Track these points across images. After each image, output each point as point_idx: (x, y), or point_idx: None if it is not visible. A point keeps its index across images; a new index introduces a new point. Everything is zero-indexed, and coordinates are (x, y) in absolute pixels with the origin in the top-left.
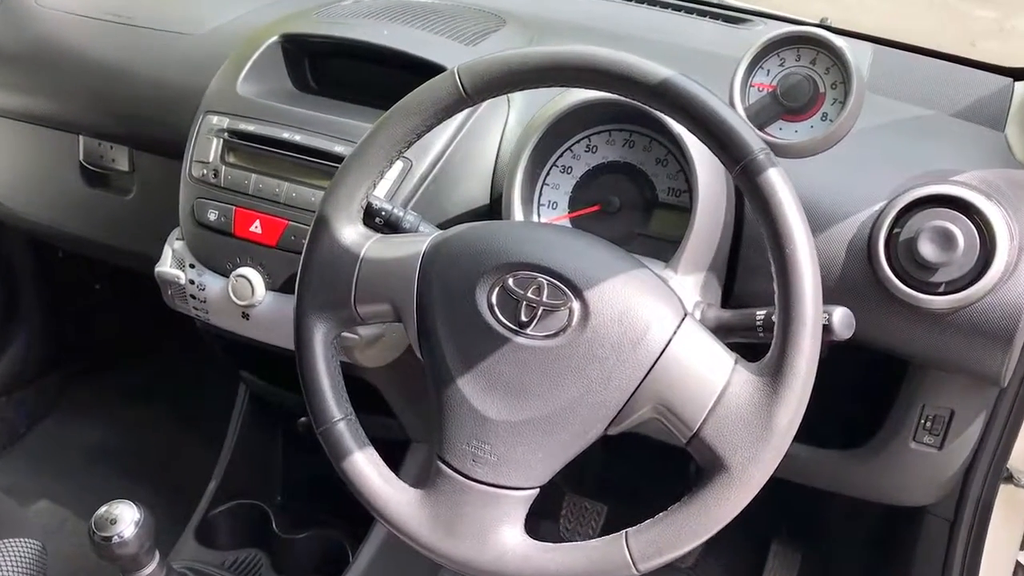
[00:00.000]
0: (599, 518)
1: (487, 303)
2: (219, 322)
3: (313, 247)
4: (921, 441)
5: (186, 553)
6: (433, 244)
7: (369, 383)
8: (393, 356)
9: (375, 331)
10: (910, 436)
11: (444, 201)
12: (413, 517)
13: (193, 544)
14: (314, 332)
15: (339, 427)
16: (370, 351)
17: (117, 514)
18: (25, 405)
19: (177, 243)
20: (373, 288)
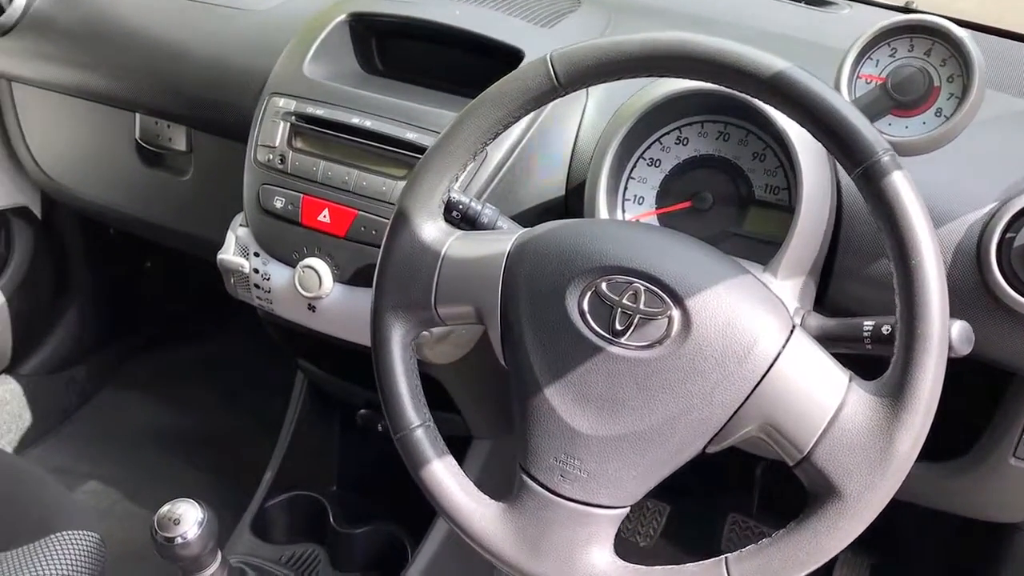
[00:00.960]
0: (660, 518)
1: (578, 309)
2: (283, 313)
3: (392, 244)
4: (1022, 457)
5: (242, 547)
6: (519, 243)
7: (434, 378)
8: (461, 353)
9: (445, 328)
10: (1010, 452)
11: (518, 194)
12: (496, 533)
13: (249, 537)
14: (392, 333)
15: (417, 434)
16: (439, 348)
17: (180, 514)
18: (75, 384)
19: (241, 230)
20: (455, 289)
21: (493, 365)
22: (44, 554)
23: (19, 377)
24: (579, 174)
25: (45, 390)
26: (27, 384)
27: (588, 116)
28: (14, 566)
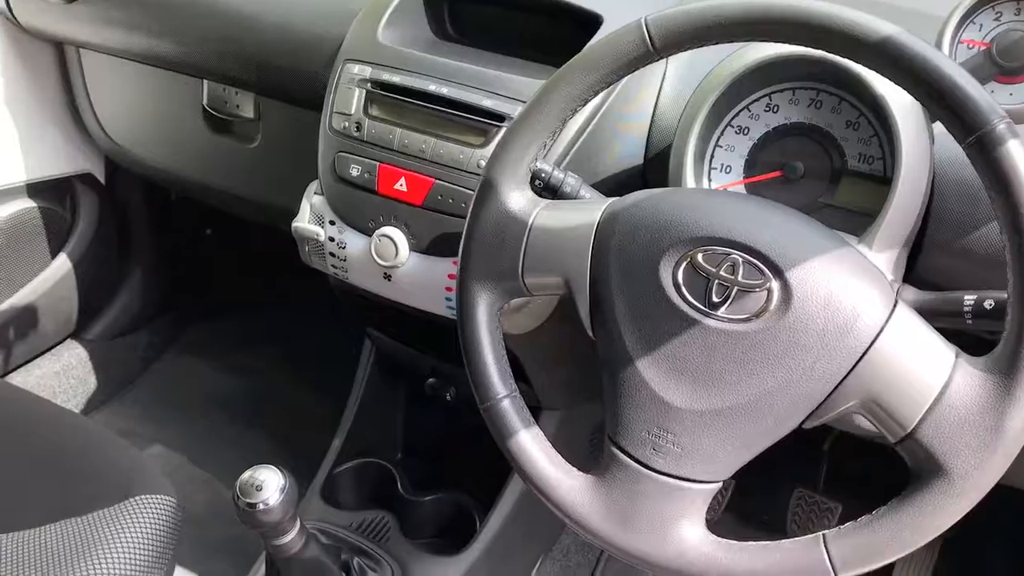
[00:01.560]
0: (725, 492)
1: (672, 280)
2: (358, 282)
3: (478, 213)
4: None
5: (312, 513)
6: (610, 213)
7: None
8: (536, 324)
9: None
10: None
11: (595, 163)
12: (585, 505)
13: (319, 503)
14: (478, 303)
15: (504, 405)
16: (514, 318)
17: (263, 480)
18: (138, 349)
19: (316, 198)
20: (543, 259)
21: (567, 336)
22: (124, 518)
23: (84, 342)
24: (658, 143)
25: (109, 355)
26: (92, 349)
27: (668, 83)
28: (96, 529)
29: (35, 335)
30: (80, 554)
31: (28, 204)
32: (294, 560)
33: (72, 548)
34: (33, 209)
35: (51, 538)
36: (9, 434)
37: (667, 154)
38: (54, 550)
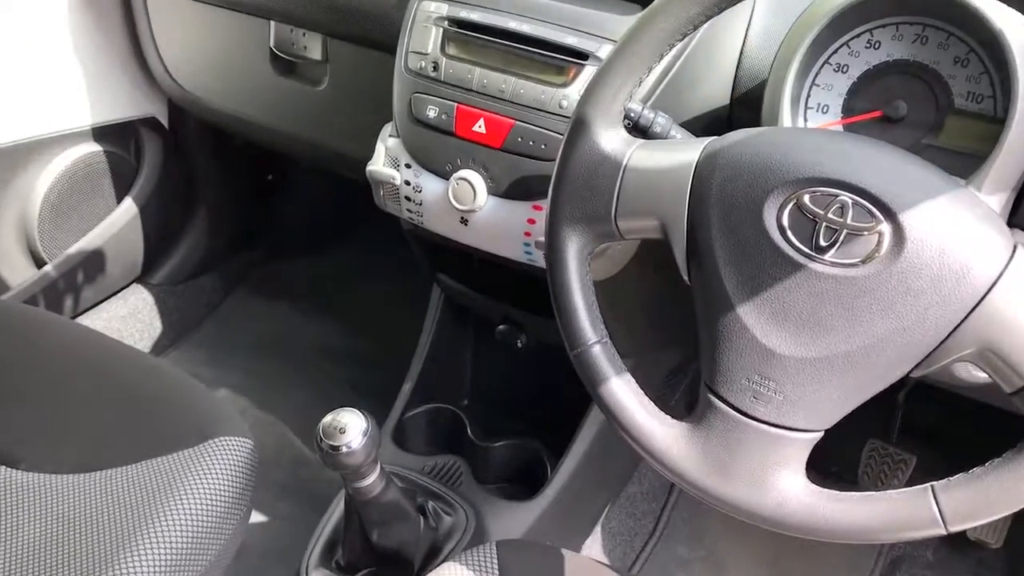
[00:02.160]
0: (906, 469)
1: (777, 223)
2: (433, 226)
3: (570, 153)
4: None
5: (385, 457)
6: (709, 152)
7: None
8: (614, 271)
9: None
10: None
11: (681, 103)
12: (681, 454)
13: (391, 447)
14: (568, 246)
15: (595, 351)
16: (594, 263)
17: (346, 423)
18: (203, 294)
19: (391, 140)
20: (638, 201)
21: (646, 282)
22: (204, 459)
23: (150, 287)
24: (747, 82)
25: (174, 300)
26: (157, 294)
27: (757, 20)
28: (179, 469)
29: (103, 279)
30: (165, 493)
31: (95, 148)
32: (373, 502)
33: (157, 487)
34: (99, 153)
35: (136, 477)
36: (91, 375)
37: (756, 93)
38: (140, 489)
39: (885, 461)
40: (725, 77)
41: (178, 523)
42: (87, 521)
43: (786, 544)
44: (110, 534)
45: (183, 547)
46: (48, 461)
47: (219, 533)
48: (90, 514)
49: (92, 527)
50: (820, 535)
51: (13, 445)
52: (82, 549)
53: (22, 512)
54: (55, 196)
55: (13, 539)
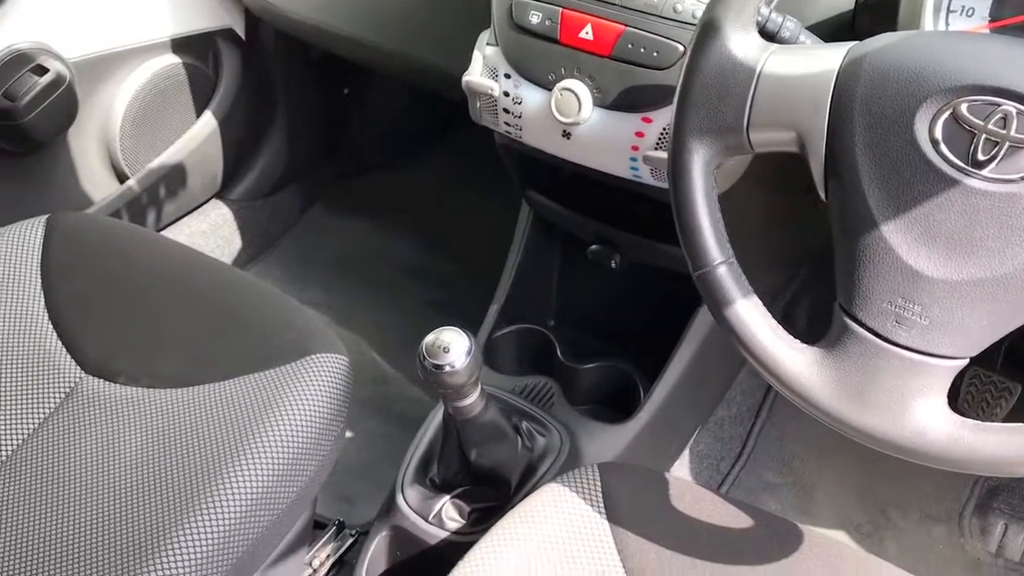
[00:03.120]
0: (1009, 398)
1: (929, 135)
2: (533, 141)
3: (698, 59)
4: None
5: None
6: (853, 58)
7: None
8: (727, 186)
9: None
10: None
11: (803, 6)
12: (812, 378)
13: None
14: (694, 160)
15: (720, 271)
16: None
17: (449, 342)
18: (280, 210)
19: (489, 49)
20: (773, 111)
21: (758, 200)
22: (302, 376)
23: (228, 202)
24: None
25: (253, 216)
26: (236, 210)
27: None
28: (278, 385)
29: (184, 194)
30: (265, 410)
31: (173, 60)
32: (473, 422)
33: (256, 404)
34: (178, 65)
35: (235, 393)
36: (182, 288)
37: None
38: (239, 405)
39: (987, 389)
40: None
41: (279, 440)
42: (188, 437)
43: (877, 470)
44: (211, 451)
45: (283, 464)
46: (145, 375)
47: (317, 451)
48: (190, 430)
49: (193, 443)
50: (961, 466)
51: (108, 359)
52: (184, 465)
53: (122, 427)
54: (136, 110)
55: (115, 453)
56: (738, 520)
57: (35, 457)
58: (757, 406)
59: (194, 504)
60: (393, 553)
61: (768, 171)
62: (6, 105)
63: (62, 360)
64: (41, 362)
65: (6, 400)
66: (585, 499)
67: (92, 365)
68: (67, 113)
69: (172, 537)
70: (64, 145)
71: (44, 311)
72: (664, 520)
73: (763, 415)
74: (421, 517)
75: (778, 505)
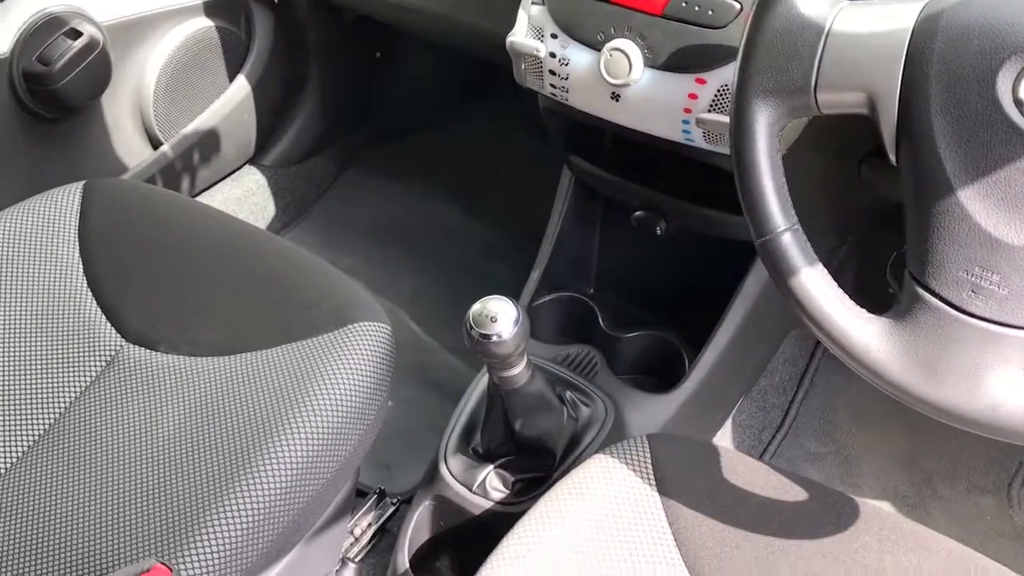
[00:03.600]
0: None
1: (1013, 95)
2: (580, 104)
3: (763, 15)
4: None
5: None
6: (929, 15)
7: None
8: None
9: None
10: None
11: None
12: (882, 350)
13: None
14: (758, 121)
15: (785, 239)
16: None
17: (496, 312)
18: (314, 175)
19: (534, 8)
20: (842, 70)
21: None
22: (346, 345)
23: (262, 168)
24: None
25: (287, 181)
26: (270, 175)
27: None
28: (322, 353)
29: (217, 159)
30: (309, 379)
31: (206, 23)
32: (519, 392)
33: (300, 373)
34: (210, 28)
35: (279, 361)
36: (220, 254)
37: None
38: (283, 374)
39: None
40: None
41: (323, 410)
42: (230, 406)
43: (923, 441)
44: (254, 421)
45: (328, 435)
46: (186, 343)
47: (361, 419)
48: (233, 399)
49: (236, 413)
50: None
51: (148, 327)
52: (227, 435)
53: (165, 395)
54: (169, 74)
55: (158, 422)
56: (791, 492)
57: (77, 427)
58: (800, 375)
59: (238, 475)
60: (436, 523)
61: (823, 135)
62: (40, 70)
63: (102, 328)
64: (81, 330)
65: (47, 370)
66: (635, 471)
67: (133, 333)
68: (101, 78)
69: (216, 508)
70: (98, 110)
71: (83, 279)
72: (716, 492)
73: (805, 384)
74: (465, 487)
75: (821, 475)
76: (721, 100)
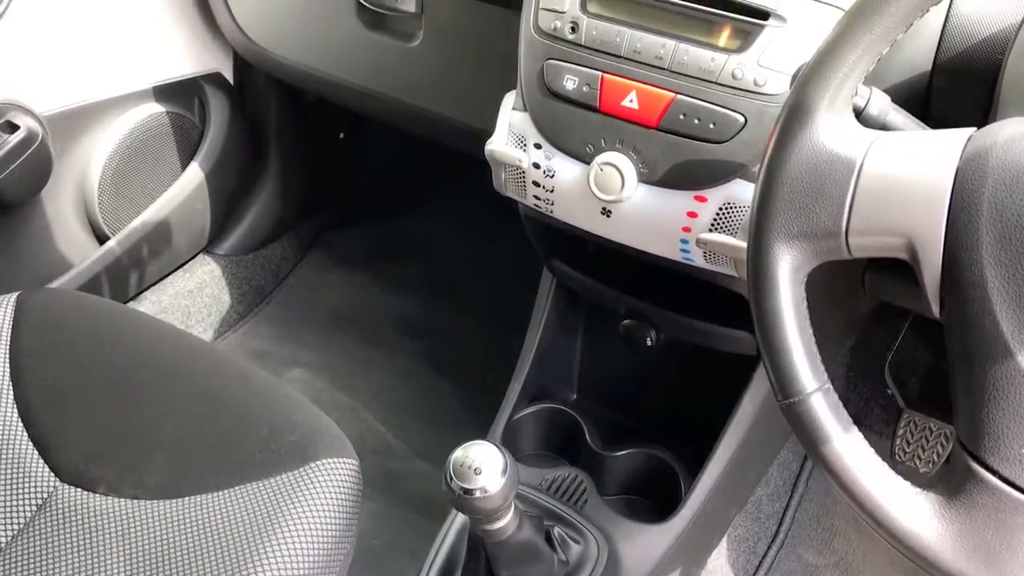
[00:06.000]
0: (946, 444)
1: None
2: (567, 217)
3: (786, 149)
4: None
5: None
6: (975, 152)
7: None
8: None
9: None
10: None
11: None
12: (934, 534)
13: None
14: (781, 267)
15: (815, 402)
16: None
17: (480, 462)
18: (271, 263)
19: (516, 115)
20: (878, 214)
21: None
22: (308, 486)
23: (216, 257)
24: (957, 42)
25: (243, 271)
26: (225, 265)
27: None
28: (278, 499)
29: (169, 252)
30: (267, 527)
31: (156, 109)
32: (505, 543)
33: (257, 520)
34: (161, 114)
35: (233, 506)
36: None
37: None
38: (238, 522)
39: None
40: (928, 35)
41: (282, 564)
42: (177, 558)
43: None
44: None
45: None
46: (128, 484)
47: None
48: (180, 550)
49: (183, 566)
50: None
51: (86, 465)
52: None
53: (104, 545)
54: (115, 164)
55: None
56: None
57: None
58: (794, 479)
59: None
60: None
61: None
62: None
63: (34, 466)
64: (10, 468)
65: None
66: None
67: (68, 472)
68: (40, 173)
69: None
70: (38, 207)
71: (13, 406)
72: None
73: (800, 488)
74: None
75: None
76: (724, 219)
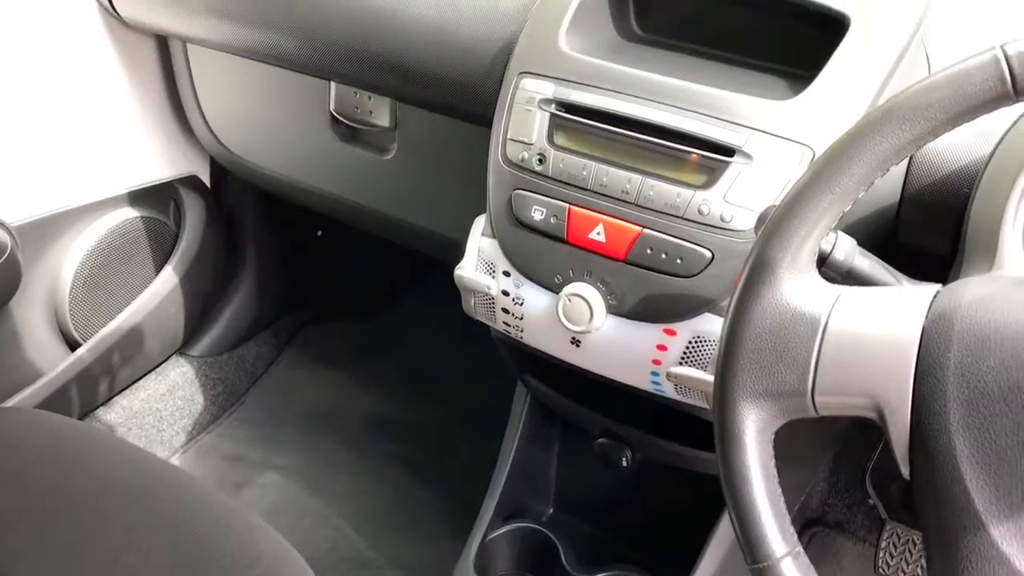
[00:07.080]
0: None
1: None
2: (537, 344)
3: (749, 305)
4: None
5: None
6: (941, 314)
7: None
8: None
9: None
10: None
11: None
12: None
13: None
14: (746, 427)
15: (784, 568)
16: None
17: None
18: (246, 364)
19: (484, 241)
20: (844, 374)
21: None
22: None
23: (190, 359)
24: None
25: (216, 372)
26: (198, 367)
27: None
28: None
29: (142, 356)
30: None
31: (130, 214)
32: None
33: None
34: (135, 219)
35: None
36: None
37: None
38: None
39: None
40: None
41: None
42: None
43: None
44: None
45: None
46: None
47: None
48: None
49: None
50: None
51: None
52: None
53: None
54: (87, 272)
55: None
56: None
57: None
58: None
59: None
60: None
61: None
62: None
63: None
64: None
65: None
66: None
67: None
68: (9, 284)
69: None
70: (6, 317)
71: None
72: None
73: None
74: None
75: None
76: (693, 353)
